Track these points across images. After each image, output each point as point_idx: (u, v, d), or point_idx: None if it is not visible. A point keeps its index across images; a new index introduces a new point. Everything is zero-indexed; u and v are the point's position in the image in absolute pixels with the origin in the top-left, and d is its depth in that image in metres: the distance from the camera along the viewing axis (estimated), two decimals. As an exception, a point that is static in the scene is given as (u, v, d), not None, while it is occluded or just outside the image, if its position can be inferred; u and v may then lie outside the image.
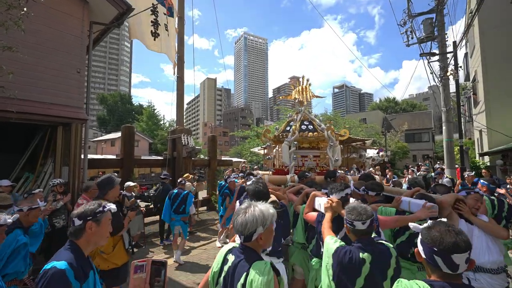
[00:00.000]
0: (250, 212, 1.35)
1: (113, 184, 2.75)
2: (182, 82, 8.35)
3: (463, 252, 1.06)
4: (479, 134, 14.06)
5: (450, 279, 1.09)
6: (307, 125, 5.23)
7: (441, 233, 1.12)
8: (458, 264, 1.06)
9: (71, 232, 1.47)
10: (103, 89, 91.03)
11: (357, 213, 1.63)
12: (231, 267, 1.33)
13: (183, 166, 7.82)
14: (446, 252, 1.07)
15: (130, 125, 7.35)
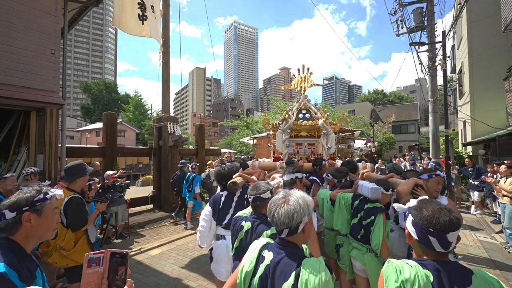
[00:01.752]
0: (292, 200, 1.22)
1: (84, 173, 2.60)
2: (167, 68, 7.99)
3: (456, 230, 1.06)
4: (463, 125, 14.43)
5: (439, 257, 1.08)
6: (304, 113, 5.29)
7: (434, 212, 1.09)
8: (451, 242, 1.06)
9: (2, 228, 1.18)
10: (86, 77, 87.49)
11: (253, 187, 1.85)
12: (271, 265, 1.19)
13: (169, 155, 7.58)
14: (442, 231, 1.05)
15: (112, 112, 7.00)
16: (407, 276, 1.04)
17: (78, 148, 6.93)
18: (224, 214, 2.61)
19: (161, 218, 6.82)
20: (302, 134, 5.42)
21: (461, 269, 1.05)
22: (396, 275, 1.08)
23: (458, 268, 1.06)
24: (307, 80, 5.73)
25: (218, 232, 2.62)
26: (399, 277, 1.06)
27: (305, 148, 5.35)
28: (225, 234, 2.56)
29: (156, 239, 5.44)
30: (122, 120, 34.92)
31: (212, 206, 2.65)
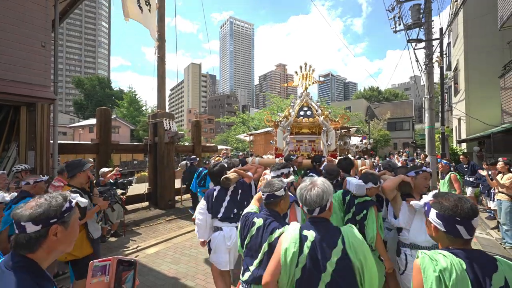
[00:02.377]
0: (319, 184, 1.46)
1: (83, 168, 2.62)
2: (163, 63, 7.83)
3: (478, 215, 1.13)
4: (458, 122, 14.57)
5: (466, 246, 1.13)
6: (305, 111, 5.35)
7: (456, 202, 1.16)
8: (475, 227, 1.12)
9: (21, 243, 0.94)
10: (79, 72, 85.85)
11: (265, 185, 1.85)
12: (316, 241, 1.37)
13: (165, 152, 7.46)
14: (467, 219, 1.11)
15: (106, 107, 6.83)
16: (444, 265, 1.07)
17: (71, 144, 6.76)
18: (218, 208, 2.79)
19: (157, 216, 6.72)
20: (303, 131, 5.49)
21: (486, 256, 1.11)
22: (433, 265, 1.10)
23: (483, 255, 1.11)
24: (309, 78, 5.78)
25: (215, 224, 2.81)
26: (436, 267, 1.09)
27: (305, 145, 5.44)
28: (222, 226, 2.76)
29: (152, 237, 5.35)
30: (116, 116, 34.45)
31: (206, 200, 2.84)
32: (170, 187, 7.53)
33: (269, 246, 1.63)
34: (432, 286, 1.07)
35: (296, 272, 1.37)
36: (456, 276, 1.04)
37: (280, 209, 1.83)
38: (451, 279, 1.05)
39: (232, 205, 2.79)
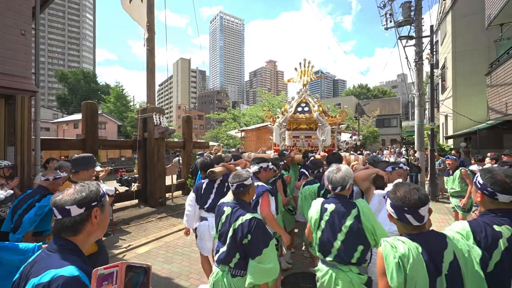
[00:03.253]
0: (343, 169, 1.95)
1: (90, 166, 2.57)
2: (152, 56, 7.55)
3: (425, 205, 1.24)
4: (444, 119, 14.95)
5: (420, 230, 1.26)
6: (303, 107, 5.44)
7: (405, 192, 1.27)
8: (423, 215, 1.24)
9: (67, 226, 1.01)
10: (62, 65, 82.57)
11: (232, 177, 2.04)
12: (335, 211, 1.88)
13: (155, 148, 7.22)
14: (414, 208, 1.23)
15: (92, 101, 6.52)
16: (403, 252, 1.19)
17: (55, 140, 6.41)
18: (206, 199, 3.02)
19: (147, 214, 6.52)
20: (301, 127, 5.55)
21: (437, 235, 1.26)
22: (393, 252, 1.21)
23: (435, 235, 1.26)
24: (308, 74, 5.81)
25: (202, 215, 3.05)
26: (396, 253, 1.19)
27: (302, 140, 5.54)
28: (207, 216, 3.00)
29: (142, 236, 5.17)
30: (102, 112, 33.38)
31: (195, 192, 3.09)
32: (161, 184, 7.32)
33: (233, 232, 1.84)
34: (392, 272, 1.18)
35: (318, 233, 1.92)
36: (413, 260, 1.17)
37: (248, 198, 2.06)
38: (409, 264, 1.16)
39: (218, 197, 2.91)
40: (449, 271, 1.16)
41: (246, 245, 1.79)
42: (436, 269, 1.16)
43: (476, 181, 1.44)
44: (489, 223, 1.33)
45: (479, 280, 1.17)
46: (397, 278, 1.16)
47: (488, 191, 1.37)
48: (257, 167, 2.74)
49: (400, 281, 1.16)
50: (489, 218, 1.35)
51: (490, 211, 1.39)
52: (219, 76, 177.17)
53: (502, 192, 1.33)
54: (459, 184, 4.77)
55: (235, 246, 1.83)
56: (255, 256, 1.77)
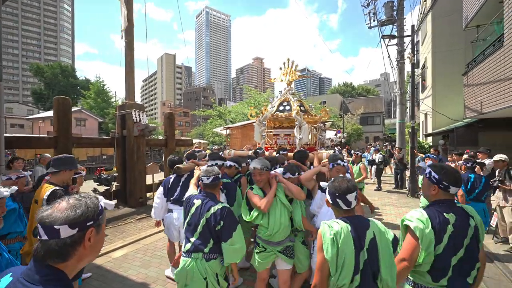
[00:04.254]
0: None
1: (70, 166, 2.53)
2: (131, 49, 7.21)
3: (352, 192, 1.54)
4: (424, 117, 15.44)
5: (350, 214, 1.57)
6: (285, 106, 5.55)
7: (338, 182, 1.59)
8: (351, 201, 1.54)
9: (53, 250, 0.80)
10: (38, 59, 78.30)
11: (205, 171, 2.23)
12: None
13: (135, 146, 6.93)
14: (343, 194, 1.53)
15: (65, 96, 6.12)
16: (336, 229, 1.47)
17: (24, 138, 5.96)
18: (173, 192, 3.34)
19: (126, 215, 6.25)
20: (284, 125, 5.61)
21: (362, 219, 1.58)
22: (329, 230, 1.48)
23: (361, 218, 1.58)
24: (292, 73, 5.92)
25: (168, 207, 3.38)
26: (331, 231, 1.47)
27: (282, 138, 5.62)
28: (173, 208, 3.32)
29: (120, 238, 4.93)
30: (82, 108, 32.02)
31: (163, 186, 3.40)
32: (141, 183, 7.05)
33: (206, 221, 2.04)
34: (328, 246, 1.44)
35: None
36: (344, 236, 1.45)
37: (216, 191, 2.26)
38: (341, 239, 1.44)
39: (183, 190, 3.18)
40: (369, 246, 1.46)
41: (219, 230, 2.02)
42: (360, 244, 1.46)
43: (431, 176, 1.62)
44: (440, 211, 1.54)
45: (389, 255, 1.48)
46: (331, 250, 1.43)
47: (444, 185, 1.57)
48: (214, 163, 2.94)
49: (334, 253, 1.42)
50: (438, 208, 1.56)
51: (437, 201, 1.60)
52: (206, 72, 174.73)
53: (454, 185, 1.56)
54: None
55: (209, 233, 2.04)
56: (227, 239, 2.01)
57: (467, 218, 1.54)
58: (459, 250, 1.48)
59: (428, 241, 1.45)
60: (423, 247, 1.45)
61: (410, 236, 1.52)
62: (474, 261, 1.52)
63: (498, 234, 4.55)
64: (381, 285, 1.45)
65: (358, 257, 1.43)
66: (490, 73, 7.05)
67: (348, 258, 1.41)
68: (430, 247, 1.45)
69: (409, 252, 1.49)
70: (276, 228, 2.34)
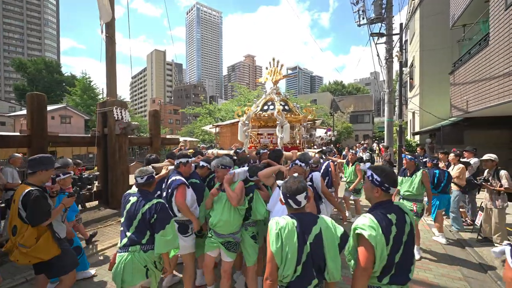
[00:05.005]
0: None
1: (47, 166, 2.51)
2: (113, 44, 6.89)
3: (302, 193, 1.64)
4: (412, 116, 15.64)
5: (299, 211, 1.68)
6: (269, 105, 5.62)
7: (290, 183, 1.69)
8: (300, 201, 1.65)
9: None
10: (21, 54, 75.40)
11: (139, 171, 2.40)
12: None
13: (117, 145, 6.65)
14: (293, 194, 1.64)
15: (39, 93, 5.78)
16: (282, 225, 1.60)
17: (-4, 136, 5.60)
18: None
19: (107, 217, 5.99)
20: (269, 125, 5.69)
21: (311, 215, 1.70)
22: (276, 226, 1.61)
23: (310, 215, 1.69)
24: (277, 73, 5.99)
25: None
26: (277, 226, 1.61)
27: (265, 138, 5.71)
28: None
29: (99, 242, 4.70)
30: (67, 105, 31.00)
31: None
32: (124, 184, 6.77)
33: (142, 215, 2.21)
34: (273, 240, 1.58)
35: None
36: (288, 231, 1.57)
37: (151, 188, 2.45)
38: (285, 233, 1.57)
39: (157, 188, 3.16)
40: (314, 240, 1.58)
41: (153, 223, 2.21)
42: (304, 238, 1.57)
43: (374, 179, 1.64)
44: (384, 213, 1.57)
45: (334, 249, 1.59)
46: (276, 244, 1.56)
47: (385, 186, 1.61)
48: (178, 161, 2.97)
49: (278, 246, 1.55)
50: (382, 209, 1.59)
51: (380, 203, 1.63)
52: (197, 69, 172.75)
53: (393, 185, 1.61)
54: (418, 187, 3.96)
55: (145, 226, 2.22)
56: (160, 230, 2.20)
57: (404, 215, 1.60)
58: (400, 248, 1.53)
59: (381, 247, 1.47)
60: (378, 253, 1.47)
61: (365, 244, 1.51)
62: (412, 256, 1.60)
63: (482, 233, 4.57)
64: (328, 277, 1.59)
65: (302, 250, 1.55)
66: (476, 72, 7.11)
67: (291, 251, 1.54)
68: (383, 252, 1.48)
69: (367, 261, 1.49)
70: (216, 221, 2.61)
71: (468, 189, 5.22)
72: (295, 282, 1.56)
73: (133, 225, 2.22)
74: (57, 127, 27.62)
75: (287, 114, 5.55)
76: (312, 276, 1.55)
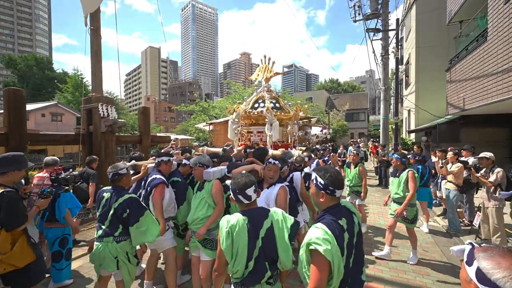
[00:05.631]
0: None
1: (22, 166, 2.35)
2: (98, 37, 6.57)
3: (250, 187, 1.69)
4: (407, 114, 15.55)
5: (250, 207, 1.72)
6: (259, 103, 5.60)
7: (238, 179, 1.73)
8: (250, 195, 1.69)
9: None
10: (12, 50, 73.71)
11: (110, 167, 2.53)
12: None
13: (103, 143, 6.36)
14: (242, 189, 1.68)
15: (17, 88, 5.45)
16: (232, 223, 1.63)
17: (-28, 134, 5.27)
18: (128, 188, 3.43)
19: (91, 218, 5.70)
20: (259, 123, 5.63)
21: (262, 209, 1.74)
22: (226, 224, 1.64)
23: (261, 209, 1.74)
24: (268, 71, 5.96)
25: None
26: (228, 224, 1.63)
27: (255, 136, 5.74)
28: None
29: (79, 247, 4.43)
30: (58, 102, 30.34)
31: None
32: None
33: (114, 210, 2.34)
34: (223, 238, 1.60)
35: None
36: (238, 228, 1.60)
37: (123, 184, 2.53)
38: (235, 231, 1.59)
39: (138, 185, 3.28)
40: (266, 234, 1.61)
41: (126, 217, 2.35)
42: (256, 233, 1.61)
43: (318, 182, 1.52)
44: (335, 219, 1.43)
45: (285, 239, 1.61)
46: (226, 241, 1.58)
47: (330, 190, 1.48)
48: (159, 159, 2.97)
49: (228, 244, 1.58)
50: (333, 216, 1.44)
51: (329, 208, 1.50)
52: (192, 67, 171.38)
53: (338, 188, 1.49)
54: (403, 189, 3.75)
55: (117, 220, 2.37)
56: (134, 223, 2.35)
57: (352, 216, 1.52)
58: (352, 253, 1.44)
59: (338, 260, 1.33)
60: (335, 268, 1.32)
61: (320, 261, 1.31)
62: (362, 256, 1.54)
63: (480, 235, 4.42)
64: (281, 266, 1.65)
65: (253, 245, 1.59)
66: (473, 69, 6.96)
67: (241, 248, 1.57)
68: (340, 266, 1.34)
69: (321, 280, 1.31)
70: (192, 219, 2.60)
71: (465, 189, 5.08)
72: (248, 278, 1.59)
73: (107, 219, 2.37)
74: (48, 125, 27.02)
75: (277, 112, 5.52)
76: (264, 270, 1.59)
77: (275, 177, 2.68)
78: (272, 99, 6.10)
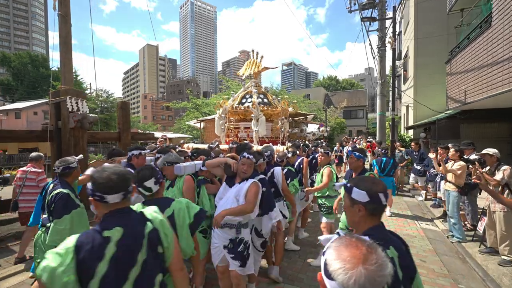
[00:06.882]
0: None
1: None
2: (67, 23, 6.05)
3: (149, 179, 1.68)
4: (406, 110, 15.03)
5: (154, 197, 1.73)
6: (247, 98, 5.57)
7: (140, 171, 1.72)
8: (150, 187, 1.68)
9: None
10: (8, 48, 72.99)
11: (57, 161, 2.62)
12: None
13: (72, 140, 5.84)
14: (140, 181, 1.67)
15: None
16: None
17: None
18: None
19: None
20: (247, 118, 5.49)
21: (166, 199, 1.76)
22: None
23: (164, 199, 1.76)
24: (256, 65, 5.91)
25: None
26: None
27: (242, 131, 5.57)
28: None
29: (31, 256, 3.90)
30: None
31: None
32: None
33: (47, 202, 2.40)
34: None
35: None
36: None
37: (71, 179, 2.58)
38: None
39: None
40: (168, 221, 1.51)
41: (52, 211, 2.33)
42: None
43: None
44: (100, 230, 1.16)
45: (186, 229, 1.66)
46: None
47: (98, 196, 1.19)
48: (129, 154, 3.02)
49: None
50: (101, 225, 1.19)
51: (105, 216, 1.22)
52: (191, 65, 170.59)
53: (107, 193, 1.19)
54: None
55: (49, 212, 2.37)
56: (54, 219, 2.30)
57: (143, 224, 1.25)
58: (130, 271, 1.14)
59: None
60: None
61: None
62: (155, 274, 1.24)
63: (485, 241, 3.90)
64: (183, 254, 1.61)
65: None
66: (476, 58, 6.43)
67: None
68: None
69: None
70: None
71: (467, 190, 4.55)
72: None
73: (46, 209, 2.43)
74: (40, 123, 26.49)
75: (264, 107, 5.41)
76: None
77: (249, 171, 2.53)
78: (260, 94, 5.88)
